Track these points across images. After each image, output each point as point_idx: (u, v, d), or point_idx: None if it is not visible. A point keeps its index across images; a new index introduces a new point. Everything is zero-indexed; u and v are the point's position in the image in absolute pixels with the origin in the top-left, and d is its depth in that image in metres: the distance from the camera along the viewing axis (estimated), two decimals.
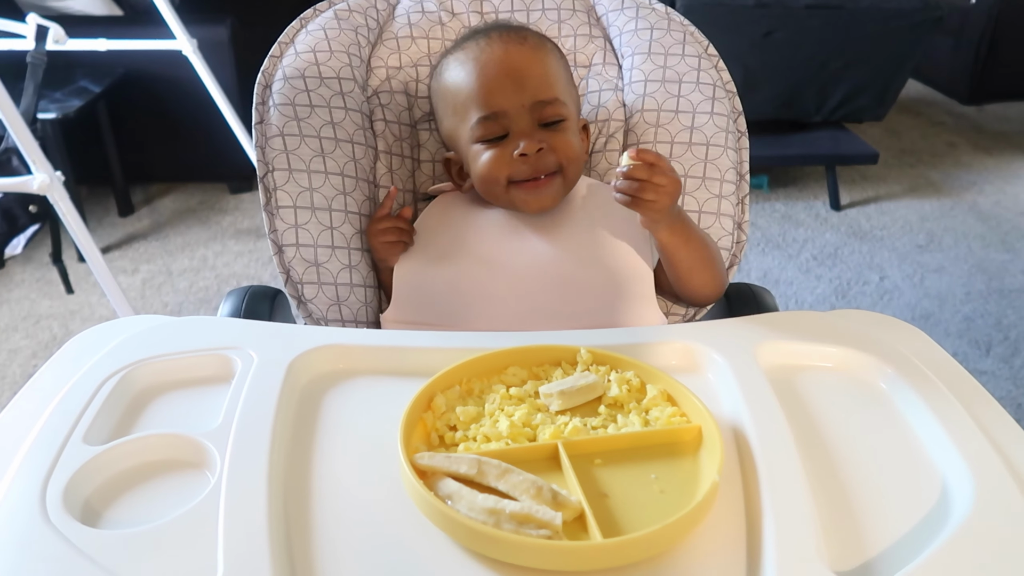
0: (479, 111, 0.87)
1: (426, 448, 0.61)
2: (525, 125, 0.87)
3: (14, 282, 2.20)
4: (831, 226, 2.56)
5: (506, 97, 0.86)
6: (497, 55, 0.87)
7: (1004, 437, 0.61)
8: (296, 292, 0.89)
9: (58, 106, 2.15)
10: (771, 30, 2.38)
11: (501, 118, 0.87)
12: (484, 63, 0.87)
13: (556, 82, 0.90)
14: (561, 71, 0.92)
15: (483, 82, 0.87)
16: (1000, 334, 2.06)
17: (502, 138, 0.87)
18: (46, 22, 1.72)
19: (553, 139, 0.87)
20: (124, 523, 0.53)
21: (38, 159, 1.51)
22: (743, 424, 0.63)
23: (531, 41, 0.90)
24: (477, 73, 0.87)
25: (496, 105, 0.86)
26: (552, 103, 0.87)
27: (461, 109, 0.89)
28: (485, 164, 0.88)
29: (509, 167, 0.87)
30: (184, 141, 2.55)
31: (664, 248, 0.86)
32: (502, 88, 0.86)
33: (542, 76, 0.88)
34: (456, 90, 0.89)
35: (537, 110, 0.87)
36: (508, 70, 0.87)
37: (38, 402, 0.63)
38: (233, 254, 2.35)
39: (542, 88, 0.87)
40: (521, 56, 0.88)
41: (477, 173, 0.89)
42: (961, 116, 3.48)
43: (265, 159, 0.89)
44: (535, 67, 0.88)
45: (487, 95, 0.87)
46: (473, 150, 0.89)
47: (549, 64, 0.90)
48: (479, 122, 0.87)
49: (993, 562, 0.51)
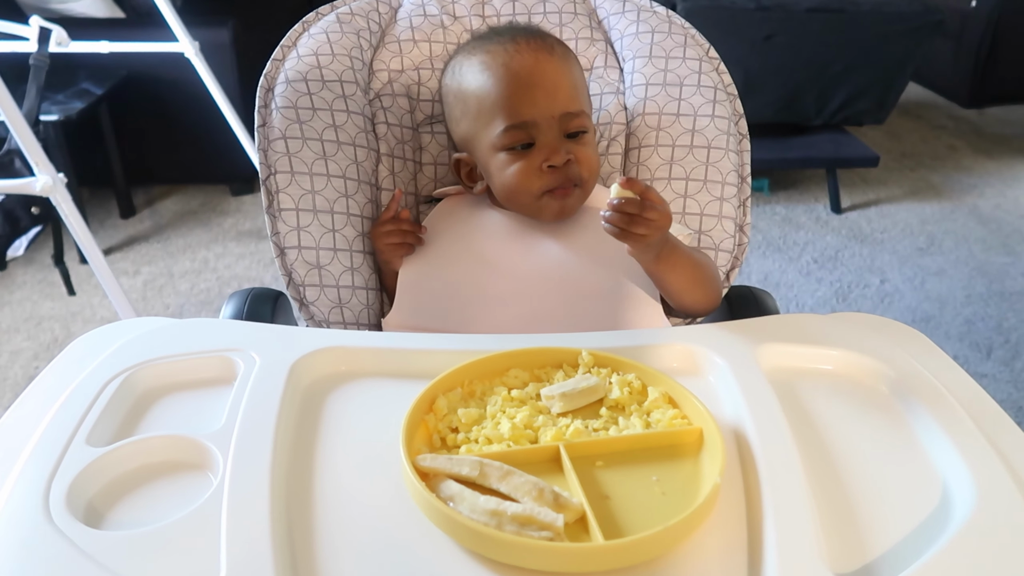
0: (507, 120, 0.85)
1: (428, 450, 0.61)
2: (553, 136, 0.86)
3: (16, 284, 2.21)
4: (832, 229, 2.56)
5: (537, 107, 0.85)
6: (528, 63, 0.86)
7: (1005, 440, 0.61)
8: (298, 294, 0.89)
9: (60, 108, 2.15)
10: (772, 33, 2.38)
11: (529, 128, 0.86)
12: (515, 71, 0.85)
13: (582, 93, 0.89)
14: (583, 81, 0.92)
15: (513, 90, 0.85)
16: (1001, 337, 2.06)
17: (527, 147, 0.87)
18: (49, 24, 1.72)
19: (578, 151, 0.87)
20: (127, 524, 0.54)
21: (40, 161, 1.51)
22: (744, 426, 0.63)
23: (559, 50, 0.89)
24: (508, 80, 0.85)
25: (526, 115, 0.85)
26: (579, 115, 0.87)
27: (486, 115, 0.87)
28: (514, 175, 0.87)
29: (540, 179, 0.87)
30: (186, 143, 2.56)
31: (652, 274, 0.86)
32: (533, 98, 0.85)
33: (571, 87, 0.87)
34: (481, 95, 0.87)
35: (564, 121, 0.86)
36: (540, 80, 0.85)
37: (41, 404, 0.63)
38: (235, 256, 2.35)
39: (571, 100, 0.87)
40: (552, 66, 0.87)
41: (503, 182, 0.89)
42: (961, 119, 3.48)
43: (267, 162, 0.89)
44: (565, 78, 0.87)
45: (517, 104, 0.85)
46: (497, 158, 0.88)
47: (576, 75, 0.90)
48: (506, 131, 0.86)
49: (994, 565, 0.51)
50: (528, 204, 0.90)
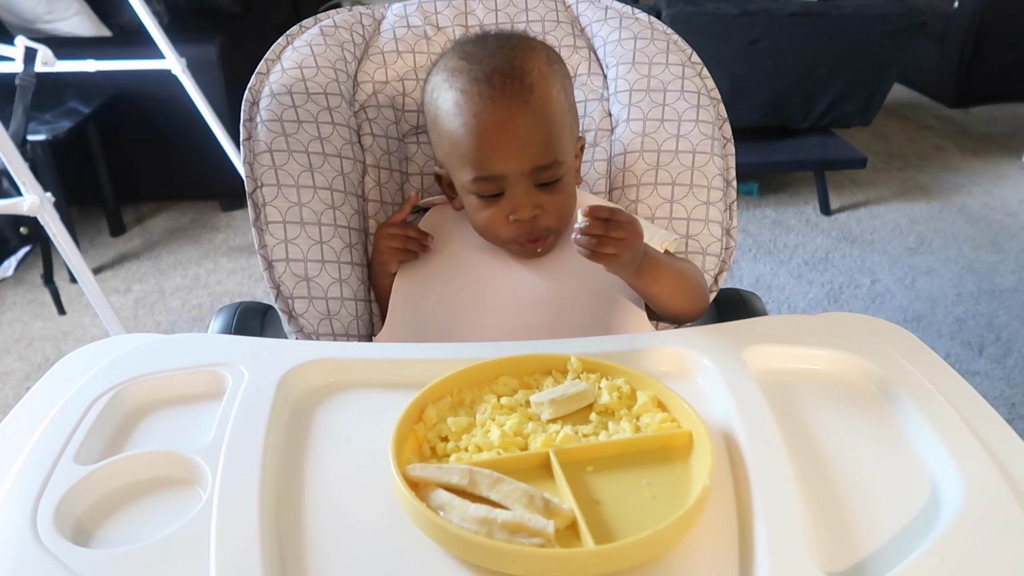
0: (475, 171, 0.84)
1: (418, 459, 0.61)
2: (521, 189, 0.84)
3: (6, 304, 2.20)
4: (822, 231, 2.58)
5: (504, 163, 0.83)
6: (499, 118, 0.81)
7: (993, 435, 0.61)
8: (287, 307, 0.89)
9: (48, 128, 2.15)
10: (757, 38, 2.40)
11: (498, 180, 0.84)
12: (485, 124, 0.82)
13: (558, 140, 0.85)
14: (565, 121, 0.86)
15: (483, 145, 0.82)
16: (992, 334, 2.07)
17: (497, 196, 0.85)
18: (34, 44, 1.72)
19: (548, 201, 0.85)
20: (116, 542, 0.53)
21: (27, 180, 1.51)
22: (733, 428, 0.63)
23: (537, 94, 0.82)
24: (478, 134, 0.82)
25: (495, 169, 0.83)
26: (551, 166, 0.84)
27: (457, 159, 0.85)
28: (484, 221, 0.87)
29: (507, 229, 0.86)
30: (175, 160, 2.56)
31: (634, 287, 0.86)
32: (501, 155, 0.82)
33: (544, 140, 0.83)
34: (454, 139, 0.84)
35: (535, 175, 0.84)
36: (510, 137, 0.82)
37: (29, 422, 0.63)
38: (226, 272, 2.35)
39: (543, 153, 0.83)
40: (524, 120, 0.82)
41: (475, 222, 0.89)
42: (948, 119, 3.50)
43: (254, 175, 0.89)
44: (538, 132, 0.83)
45: (485, 159, 0.83)
46: (469, 199, 0.87)
47: (553, 123, 0.84)
48: (474, 181, 0.84)
49: (983, 559, 0.51)
50: (500, 245, 0.91)
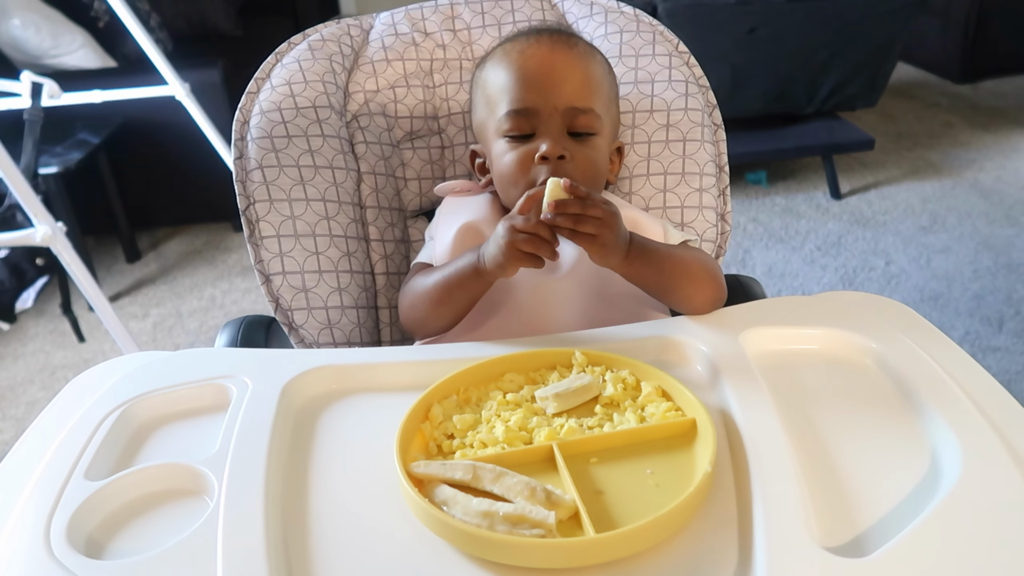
0: (510, 104, 0.84)
1: (424, 458, 0.61)
2: (553, 128, 0.83)
3: (28, 335, 2.23)
4: (833, 215, 2.56)
5: (540, 95, 0.83)
6: (541, 53, 0.85)
7: (990, 402, 0.61)
8: (287, 319, 0.90)
9: (59, 160, 2.19)
10: (755, 26, 2.39)
11: (531, 115, 0.84)
12: (526, 58, 0.85)
13: (596, 93, 0.86)
14: (605, 86, 0.88)
15: (519, 76, 0.84)
16: (1011, 309, 2.04)
17: (528, 137, 0.84)
18: (40, 78, 1.75)
19: (578, 152, 0.83)
20: (127, 554, 0.54)
21: (39, 212, 1.54)
22: (732, 411, 0.63)
23: (580, 47, 0.87)
24: (518, 67, 0.85)
25: (528, 101, 0.83)
26: (586, 113, 0.84)
27: (494, 100, 0.87)
28: (509, 163, 0.85)
29: (528, 171, 0.83)
30: (185, 184, 2.59)
31: (628, 279, 0.80)
32: (537, 85, 0.83)
33: (582, 82, 0.85)
34: (492, 81, 0.87)
35: (569, 116, 0.83)
36: (547, 68, 0.84)
37: (41, 442, 0.64)
38: (240, 291, 2.37)
39: (579, 95, 0.84)
40: (565, 58, 0.85)
41: (499, 171, 0.87)
42: (955, 95, 3.46)
43: (246, 192, 0.91)
44: (576, 72, 0.85)
45: (520, 89, 0.84)
46: (498, 145, 0.86)
47: (593, 73, 0.87)
48: (507, 115, 0.84)
49: (981, 526, 0.51)
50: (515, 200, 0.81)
